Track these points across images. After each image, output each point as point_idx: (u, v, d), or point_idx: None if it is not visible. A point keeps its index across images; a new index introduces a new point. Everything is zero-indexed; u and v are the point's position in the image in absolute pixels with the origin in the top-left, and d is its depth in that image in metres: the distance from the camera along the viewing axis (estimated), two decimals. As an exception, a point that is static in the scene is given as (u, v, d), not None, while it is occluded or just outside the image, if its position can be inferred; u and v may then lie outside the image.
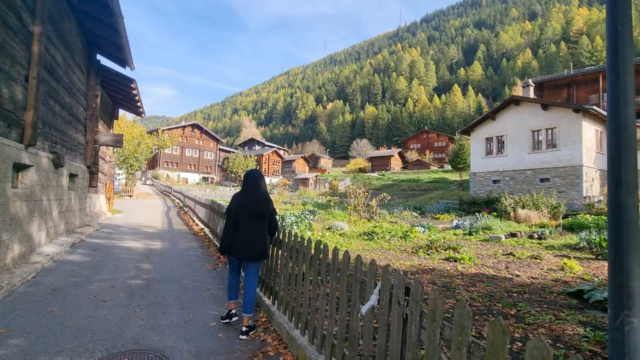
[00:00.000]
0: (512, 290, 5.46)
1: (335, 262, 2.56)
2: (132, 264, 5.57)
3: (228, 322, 3.48)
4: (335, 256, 2.57)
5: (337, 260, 2.56)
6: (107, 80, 9.65)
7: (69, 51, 6.57)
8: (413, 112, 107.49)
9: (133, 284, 4.57)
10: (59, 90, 6.15)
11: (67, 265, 5.24)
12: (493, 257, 8.19)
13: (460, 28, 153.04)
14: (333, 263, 2.57)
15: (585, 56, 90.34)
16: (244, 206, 3.34)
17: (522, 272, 6.66)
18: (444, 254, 8.22)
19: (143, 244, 7.38)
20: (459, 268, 7.07)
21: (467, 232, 12.38)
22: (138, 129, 28.91)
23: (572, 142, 19.43)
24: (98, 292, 4.19)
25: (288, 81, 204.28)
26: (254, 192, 3.41)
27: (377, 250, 8.90)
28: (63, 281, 4.49)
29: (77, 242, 6.70)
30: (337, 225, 12.43)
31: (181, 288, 4.56)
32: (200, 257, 6.45)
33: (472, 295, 5.10)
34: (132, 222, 10.99)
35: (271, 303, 3.80)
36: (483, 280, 6.01)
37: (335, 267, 2.55)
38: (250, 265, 3.43)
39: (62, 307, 3.66)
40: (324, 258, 2.73)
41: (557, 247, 9.63)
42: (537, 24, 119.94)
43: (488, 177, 23.64)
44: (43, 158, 5.43)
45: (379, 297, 2.01)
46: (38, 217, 5.35)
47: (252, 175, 3.53)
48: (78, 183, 7.66)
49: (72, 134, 7.16)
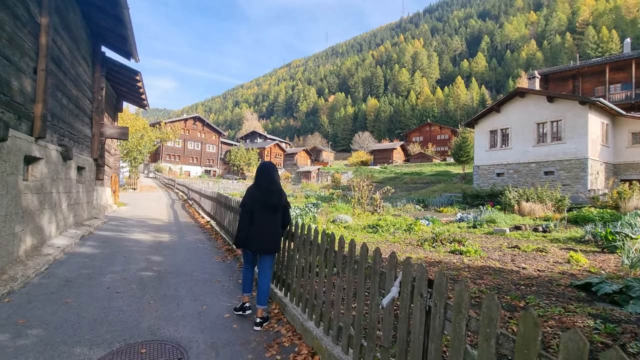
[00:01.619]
0: (519, 283, 5.47)
1: (352, 255, 2.57)
2: (142, 256, 5.62)
3: (242, 315, 3.51)
4: (353, 249, 2.58)
5: (354, 252, 2.57)
6: (112, 73, 9.61)
7: (74, 43, 6.53)
8: (415, 105, 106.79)
9: (145, 276, 4.61)
10: (66, 83, 6.13)
11: (78, 257, 5.28)
12: (498, 250, 8.20)
13: (463, 19, 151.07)
14: (350, 255, 2.58)
15: (591, 47, 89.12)
16: (258, 199, 3.35)
17: (529, 264, 6.66)
18: (449, 247, 8.25)
19: (151, 236, 7.43)
20: (465, 261, 7.08)
21: (472, 225, 12.40)
22: (141, 122, 28.87)
23: (578, 135, 19.29)
24: (111, 283, 4.23)
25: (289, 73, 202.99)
26: (268, 184, 3.41)
27: (382, 243, 8.91)
28: (76, 273, 4.53)
29: (86, 234, 6.75)
30: (341, 218, 12.46)
31: (192, 280, 4.60)
32: (209, 250, 6.49)
33: (480, 288, 5.11)
34: (138, 215, 11.05)
35: (283, 295, 3.83)
36: (490, 273, 6.03)
37: (353, 259, 2.56)
38: (265, 258, 3.46)
39: (77, 299, 3.70)
40: (340, 250, 2.74)
41: (562, 240, 9.62)
42: (543, 15, 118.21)
43: (492, 170, 23.56)
44: (52, 151, 5.44)
45: (399, 289, 2.02)
46: (48, 209, 5.39)
47: (265, 167, 3.52)
48: (85, 176, 7.68)
49: (79, 126, 7.16)
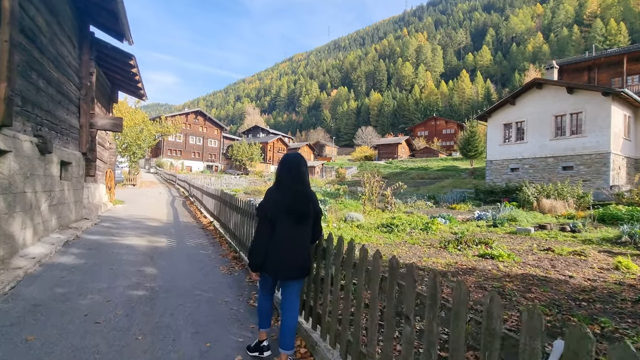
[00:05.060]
0: (576, 298, 4.68)
1: (435, 296, 1.65)
2: (133, 268, 4.73)
3: (258, 357, 2.61)
4: (436, 285, 1.66)
5: (438, 292, 1.65)
6: (104, 57, 8.67)
7: (54, 16, 5.58)
8: (419, 99, 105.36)
9: (134, 297, 3.72)
10: (43, 62, 5.20)
11: (56, 269, 4.40)
12: (530, 252, 7.43)
13: (468, 11, 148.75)
14: (431, 296, 1.67)
15: (599, 40, 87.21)
16: (281, 205, 2.39)
17: (573, 271, 5.88)
18: (476, 250, 7.57)
19: (147, 240, 6.54)
20: (501, 267, 6.32)
21: (491, 224, 11.63)
22: (140, 115, 27.92)
23: (600, 128, 18.25)
24: (90, 308, 3.35)
25: (291, 68, 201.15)
26: (295, 184, 2.45)
27: (401, 245, 8.11)
28: (48, 293, 3.65)
29: (72, 239, 5.87)
30: (352, 216, 11.64)
31: (193, 301, 3.72)
32: (212, 258, 5.60)
33: (535, 304, 4.24)
34: (135, 214, 10.17)
35: (311, 328, 2.93)
36: (535, 283, 5.26)
37: (437, 302, 1.65)
38: (291, 286, 2.52)
39: (42, 334, 2.82)
40: (410, 285, 1.83)
41: (596, 241, 8.84)
42: (549, 7, 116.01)
43: (506, 164, 22.57)
44: (24, 142, 4.53)
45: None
46: (21, 212, 4.50)
47: (290, 161, 2.52)
48: (72, 172, 6.78)
49: (62, 115, 6.24)
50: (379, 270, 2.13)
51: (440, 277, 1.68)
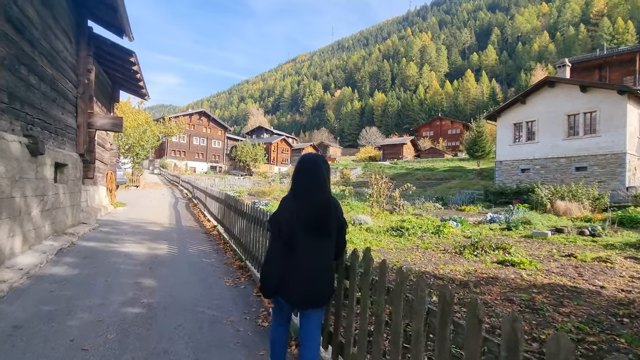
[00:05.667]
0: (615, 313, 4.28)
1: (517, 345, 1.22)
2: (130, 280, 4.32)
3: (271, 397, 2.19)
4: (517, 333, 1.23)
5: (520, 342, 1.22)
6: (103, 55, 8.31)
7: (47, 8, 5.21)
8: (424, 99, 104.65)
9: (129, 315, 3.31)
10: (35, 57, 4.82)
11: (45, 282, 4.01)
12: (551, 259, 6.97)
13: (473, 11, 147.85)
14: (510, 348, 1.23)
15: (606, 39, 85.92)
16: (298, 218, 1.96)
17: (603, 281, 5.43)
18: (493, 255, 7.18)
19: (146, 247, 6.14)
20: (524, 276, 5.91)
21: (505, 227, 11.20)
22: (143, 116, 27.65)
23: (615, 127, 17.66)
24: (78, 331, 2.94)
25: (295, 68, 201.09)
26: (314, 191, 2.02)
27: (413, 250, 7.71)
28: (33, 311, 3.25)
29: (66, 246, 5.48)
30: (360, 218, 11.24)
31: (194, 320, 3.30)
32: (216, 267, 5.18)
33: (573, 322, 3.84)
34: (135, 218, 9.79)
35: (331, 358, 2.50)
36: (566, 295, 4.86)
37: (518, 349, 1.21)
38: (311, 316, 2.08)
39: (19, 365, 2.42)
40: (476, 330, 1.40)
41: (619, 246, 8.41)
42: (555, 6, 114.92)
43: (516, 165, 22.00)
44: (12, 142, 4.15)
45: None
46: (8, 219, 4.11)
47: (307, 164, 2.08)
48: (68, 174, 6.41)
49: (57, 114, 5.86)
50: (424, 301, 1.69)
51: (517, 318, 1.24)
